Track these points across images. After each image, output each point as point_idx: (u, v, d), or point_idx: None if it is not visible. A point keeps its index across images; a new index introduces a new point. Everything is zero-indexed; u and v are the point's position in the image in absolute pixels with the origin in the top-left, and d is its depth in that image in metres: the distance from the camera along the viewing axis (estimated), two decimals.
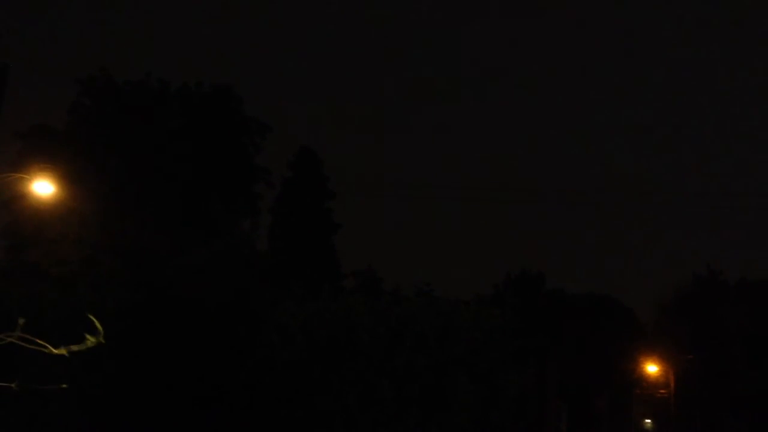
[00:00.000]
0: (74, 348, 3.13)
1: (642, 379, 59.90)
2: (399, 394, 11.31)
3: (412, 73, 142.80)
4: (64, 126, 34.88)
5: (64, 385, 5.70)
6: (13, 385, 3.76)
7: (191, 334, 11.72)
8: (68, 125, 34.85)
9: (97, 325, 3.10)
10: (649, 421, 65.72)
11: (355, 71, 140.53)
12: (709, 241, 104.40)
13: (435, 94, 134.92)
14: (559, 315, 57.66)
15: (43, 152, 30.76)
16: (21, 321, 3.09)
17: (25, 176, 24.35)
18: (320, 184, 44.09)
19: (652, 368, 56.53)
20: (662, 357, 54.96)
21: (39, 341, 3.15)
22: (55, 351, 3.15)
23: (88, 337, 3.07)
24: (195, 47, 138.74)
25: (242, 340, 11.66)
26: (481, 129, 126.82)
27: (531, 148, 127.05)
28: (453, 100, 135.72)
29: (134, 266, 22.88)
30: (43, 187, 23.44)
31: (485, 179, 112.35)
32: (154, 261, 17.96)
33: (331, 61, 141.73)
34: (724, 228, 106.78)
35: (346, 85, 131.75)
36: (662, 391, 56.57)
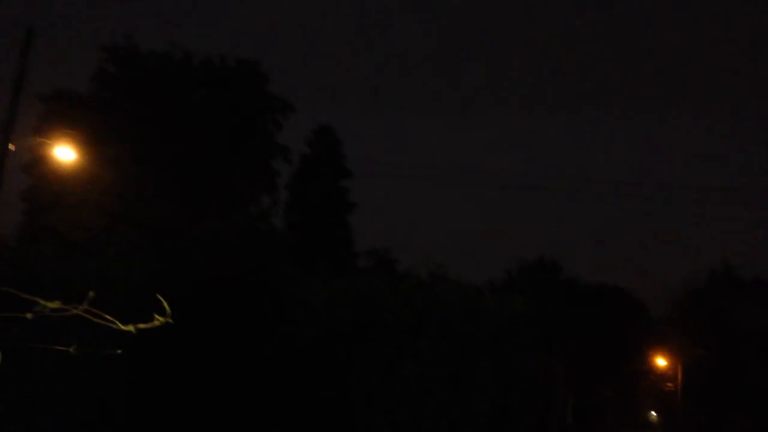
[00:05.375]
0: (141, 326, 3.11)
1: (650, 371, 59.90)
2: (421, 375, 11.31)
3: (435, 51, 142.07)
4: (87, 91, 34.87)
5: (119, 351, 5.74)
6: (71, 349, 3.79)
7: (216, 307, 11.73)
8: (91, 91, 34.84)
9: (165, 305, 3.08)
10: (654, 413, 65.78)
11: (378, 49, 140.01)
12: (726, 237, 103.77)
13: (457, 75, 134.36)
14: (569, 304, 57.62)
15: (64, 117, 30.79)
16: (91, 294, 3.06)
17: (46, 141, 24.32)
18: (338, 163, 44.05)
19: (661, 361, 56.49)
20: (672, 350, 54.88)
21: (108, 317, 3.12)
22: (123, 327, 3.12)
23: (156, 316, 3.06)
24: (218, 20, 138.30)
25: (267, 314, 11.66)
26: (498, 117, 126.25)
27: (550, 138, 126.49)
28: (474, 80, 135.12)
29: (152, 236, 22.89)
30: (64, 153, 23.36)
31: (507, 165, 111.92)
32: (173, 231, 17.93)
33: (356, 39, 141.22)
34: (741, 224, 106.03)
35: (368, 64, 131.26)
36: (669, 384, 56.50)
